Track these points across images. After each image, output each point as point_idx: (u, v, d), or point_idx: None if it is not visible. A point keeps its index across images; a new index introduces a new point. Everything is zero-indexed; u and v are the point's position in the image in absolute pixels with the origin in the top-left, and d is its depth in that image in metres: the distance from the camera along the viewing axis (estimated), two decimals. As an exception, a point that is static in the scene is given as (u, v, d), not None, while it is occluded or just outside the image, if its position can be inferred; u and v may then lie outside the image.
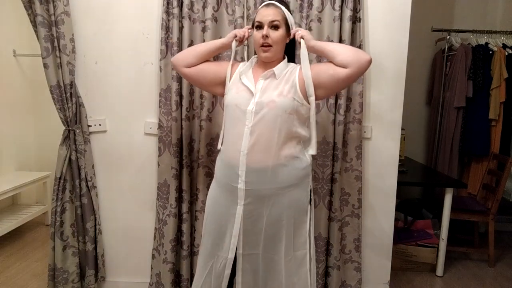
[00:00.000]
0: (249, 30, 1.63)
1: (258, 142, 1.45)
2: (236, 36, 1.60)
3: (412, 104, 3.48)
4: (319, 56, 1.97)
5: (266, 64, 1.56)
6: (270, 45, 1.49)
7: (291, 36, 1.56)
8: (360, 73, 1.44)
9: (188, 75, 1.63)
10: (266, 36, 1.47)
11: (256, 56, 1.64)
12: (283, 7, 1.52)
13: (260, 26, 1.50)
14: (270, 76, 1.52)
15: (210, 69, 1.62)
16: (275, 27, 1.49)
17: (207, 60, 1.64)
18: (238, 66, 1.62)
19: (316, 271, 2.11)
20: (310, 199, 1.58)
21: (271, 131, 1.45)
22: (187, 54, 1.62)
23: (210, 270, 1.60)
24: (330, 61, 1.47)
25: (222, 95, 1.64)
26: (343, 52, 1.43)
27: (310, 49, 1.52)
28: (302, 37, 1.51)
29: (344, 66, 1.41)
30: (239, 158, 1.47)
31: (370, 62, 1.41)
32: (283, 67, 1.54)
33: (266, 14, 1.49)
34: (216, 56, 1.97)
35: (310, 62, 1.63)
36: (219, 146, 1.63)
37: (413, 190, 3.59)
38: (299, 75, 1.51)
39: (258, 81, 1.52)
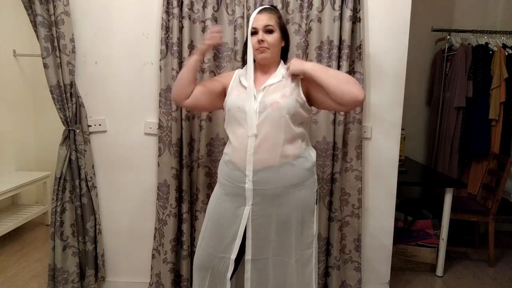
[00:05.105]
0: (219, 34, 1.59)
1: (264, 142, 1.47)
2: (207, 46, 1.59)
3: (412, 104, 3.48)
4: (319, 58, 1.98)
5: (264, 67, 1.58)
6: (266, 48, 1.52)
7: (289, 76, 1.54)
8: (350, 110, 1.53)
9: (189, 107, 1.63)
10: (261, 41, 1.50)
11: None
12: (276, 12, 1.57)
13: (255, 32, 1.52)
14: (271, 78, 1.55)
15: (206, 91, 1.61)
16: (270, 32, 1.52)
17: (202, 86, 1.61)
18: (234, 74, 1.65)
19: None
20: (317, 199, 1.61)
21: (276, 131, 1.47)
22: (179, 86, 1.59)
23: (212, 273, 1.59)
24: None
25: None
26: (339, 91, 1.40)
27: (308, 74, 1.49)
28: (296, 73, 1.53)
29: (338, 103, 1.44)
30: (245, 158, 1.48)
31: (362, 101, 1.42)
32: (280, 71, 1.57)
33: (259, 19, 1.52)
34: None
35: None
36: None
37: (413, 190, 3.59)
38: (303, 78, 1.54)
39: (260, 87, 1.54)
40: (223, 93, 1.63)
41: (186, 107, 1.63)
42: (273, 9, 1.59)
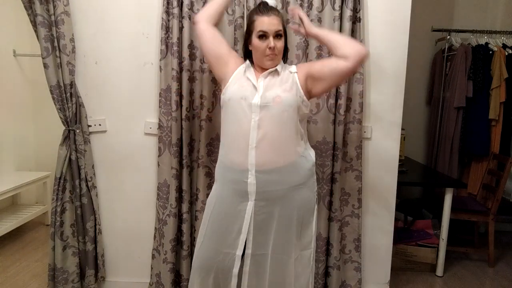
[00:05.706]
0: None
1: (266, 137, 1.46)
2: None
3: (412, 104, 3.48)
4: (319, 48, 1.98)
5: (265, 68, 1.58)
6: (276, 55, 1.52)
7: (290, 16, 1.65)
8: (358, 66, 1.49)
9: (201, 30, 1.61)
10: (273, 48, 1.49)
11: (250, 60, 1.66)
12: (280, 13, 1.58)
13: (264, 36, 1.50)
14: (270, 74, 1.56)
15: (222, 44, 1.62)
16: (279, 36, 1.52)
17: (220, 37, 1.65)
18: (241, 64, 1.63)
19: (316, 271, 2.11)
20: (316, 199, 1.61)
21: (278, 127, 1.47)
22: (209, 8, 1.65)
23: (215, 272, 1.58)
24: (331, 53, 1.53)
25: (217, 77, 1.68)
26: (344, 44, 1.49)
27: (312, 36, 1.60)
28: (301, 19, 1.60)
29: (344, 59, 1.46)
30: (247, 152, 1.47)
31: (367, 55, 1.50)
32: (282, 66, 1.59)
33: (270, 24, 1.49)
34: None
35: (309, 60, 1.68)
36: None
37: (413, 190, 3.59)
38: (298, 72, 1.55)
39: (259, 78, 1.54)
40: (221, 61, 1.61)
41: (199, 28, 1.62)
42: (276, 9, 1.57)
